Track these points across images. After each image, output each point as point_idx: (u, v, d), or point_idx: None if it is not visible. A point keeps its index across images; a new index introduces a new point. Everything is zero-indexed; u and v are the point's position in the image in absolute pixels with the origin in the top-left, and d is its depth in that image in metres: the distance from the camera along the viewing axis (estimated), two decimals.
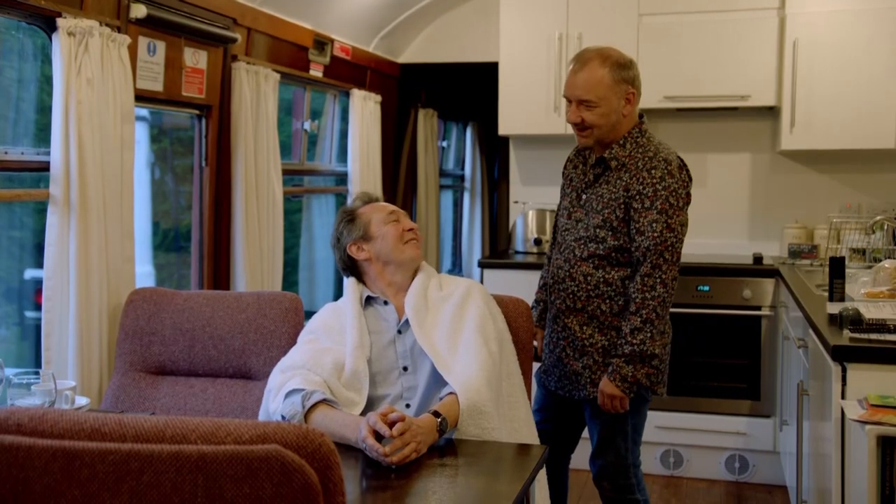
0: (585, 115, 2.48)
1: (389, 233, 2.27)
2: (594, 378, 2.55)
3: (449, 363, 2.11)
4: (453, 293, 2.26)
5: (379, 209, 2.33)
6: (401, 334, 2.20)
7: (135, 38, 2.87)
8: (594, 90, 2.46)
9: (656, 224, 2.44)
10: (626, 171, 2.49)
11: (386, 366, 2.17)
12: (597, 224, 2.50)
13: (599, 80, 2.46)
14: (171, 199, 3.85)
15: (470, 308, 2.22)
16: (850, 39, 4.07)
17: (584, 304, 2.54)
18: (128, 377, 2.62)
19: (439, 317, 2.20)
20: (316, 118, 4.53)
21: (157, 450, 1.14)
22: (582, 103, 2.48)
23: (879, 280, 2.94)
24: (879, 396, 2.14)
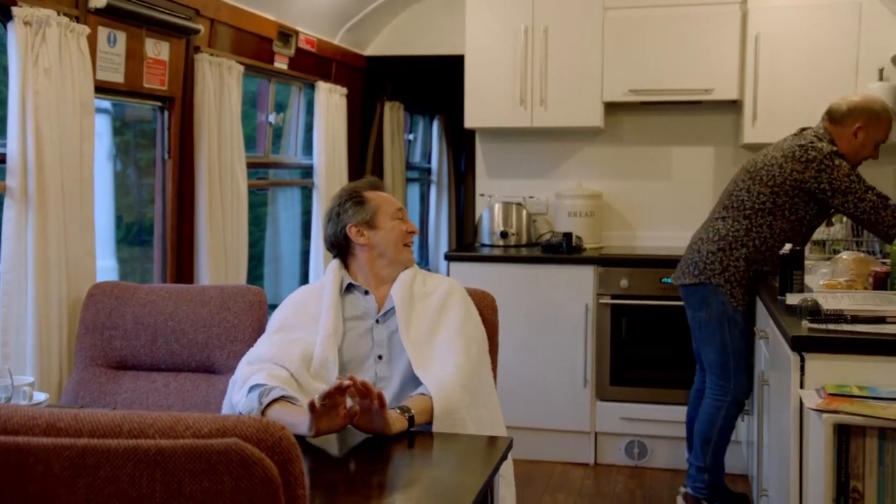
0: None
1: (395, 229, 2.29)
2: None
3: (426, 360, 2.11)
4: (436, 290, 2.27)
5: (389, 202, 2.33)
6: (378, 324, 2.20)
7: (94, 29, 2.83)
8: None
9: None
10: None
11: (360, 354, 2.17)
12: None
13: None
14: (134, 192, 3.80)
15: (451, 308, 2.22)
16: (810, 34, 4.13)
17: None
18: (88, 372, 2.59)
19: (422, 313, 2.20)
20: (281, 111, 4.50)
21: (114, 445, 1.13)
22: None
23: (838, 271, 2.99)
24: (837, 385, 2.18)
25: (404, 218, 2.33)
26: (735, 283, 3.33)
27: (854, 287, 2.87)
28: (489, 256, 4.41)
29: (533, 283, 4.26)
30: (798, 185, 3.24)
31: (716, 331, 3.38)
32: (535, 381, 4.27)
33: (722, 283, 3.33)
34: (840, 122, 3.30)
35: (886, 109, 3.30)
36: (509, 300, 4.06)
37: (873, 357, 2.24)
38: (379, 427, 1.89)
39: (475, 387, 2.12)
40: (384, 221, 2.28)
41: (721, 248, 3.35)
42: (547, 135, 4.77)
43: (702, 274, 3.38)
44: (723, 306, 3.35)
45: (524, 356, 4.26)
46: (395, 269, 2.29)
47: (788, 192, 3.26)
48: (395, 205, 2.33)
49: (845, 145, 3.28)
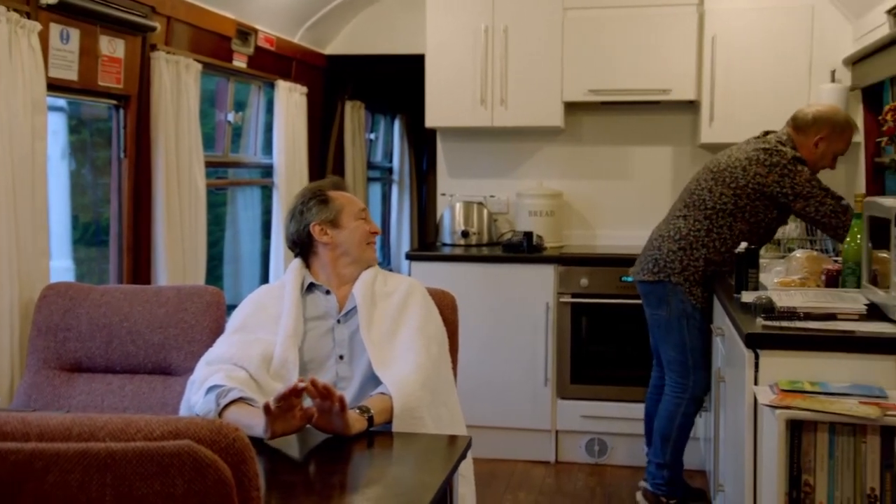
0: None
1: (359, 229, 2.30)
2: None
3: (386, 360, 2.10)
4: (397, 290, 2.27)
5: (353, 201, 2.34)
6: (340, 324, 2.19)
7: (46, 25, 2.78)
8: None
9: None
10: None
11: (321, 353, 2.17)
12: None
13: None
14: (90, 191, 3.74)
15: (412, 308, 2.23)
16: (765, 36, 4.20)
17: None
18: (41, 375, 2.54)
19: (383, 313, 2.21)
20: (240, 109, 4.46)
21: (62, 448, 1.11)
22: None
23: (792, 269, 3.05)
24: (789, 382, 2.22)
25: (367, 218, 2.34)
26: (694, 282, 3.37)
27: (807, 285, 2.92)
28: (450, 256, 4.41)
29: (494, 283, 4.28)
30: (760, 189, 3.28)
31: (674, 329, 3.42)
32: (496, 379, 4.28)
33: (681, 282, 3.37)
34: (804, 130, 3.34)
35: (849, 123, 3.36)
36: (470, 299, 4.07)
37: (825, 353, 2.29)
38: (339, 428, 1.88)
39: (435, 386, 2.12)
40: (348, 221, 2.29)
41: (682, 248, 3.39)
42: (508, 134, 4.79)
43: (661, 272, 3.41)
44: (682, 304, 3.39)
45: (485, 355, 4.27)
46: (357, 269, 2.29)
47: (750, 195, 3.30)
48: (359, 205, 2.34)
49: (806, 153, 3.33)
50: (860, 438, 2.01)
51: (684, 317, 3.39)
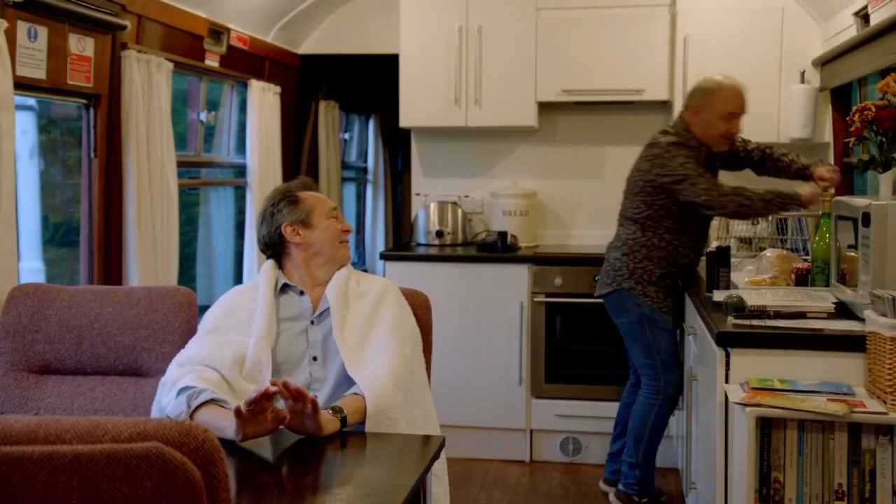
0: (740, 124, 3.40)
1: (331, 228, 2.28)
2: None
3: (359, 361, 2.10)
4: (370, 291, 2.26)
5: (323, 201, 2.33)
6: (313, 325, 2.18)
7: (13, 23, 2.74)
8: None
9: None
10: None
11: (295, 355, 2.15)
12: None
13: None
14: (61, 191, 3.69)
15: (385, 308, 2.22)
16: (736, 37, 4.24)
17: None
18: (9, 377, 2.51)
19: (356, 313, 2.20)
20: (213, 109, 4.43)
21: (27, 451, 1.09)
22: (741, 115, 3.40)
23: (762, 268, 3.08)
24: (760, 380, 2.24)
25: (339, 217, 2.33)
26: (646, 282, 3.41)
27: (777, 283, 2.95)
28: (425, 256, 4.41)
29: (468, 282, 4.28)
30: (651, 185, 3.38)
31: (638, 333, 3.45)
32: (470, 379, 4.29)
33: (633, 286, 3.42)
34: (687, 107, 3.46)
35: (720, 83, 3.37)
36: (445, 299, 4.07)
37: (794, 351, 2.31)
38: (311, 430, 1.88)
39: (408, 386, 2.12)
40: (319, 220, 2.28)
41: (625, 254, 3.45)
42: (482, 134, 4.79)
43: (613, 281, 3.47)
44: (639, 308, 3.42)
45: (460, 355, 4.27)
46: (331, 269, 2.28)
47: (651, 193, 3.39)
48: (329, 204, 2.33)
49: (696, 128, 3.41)
50: (828, 435, 2.04)
51: (645, 320, 3.42)
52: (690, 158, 3.32)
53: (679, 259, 3.42)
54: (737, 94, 3.36)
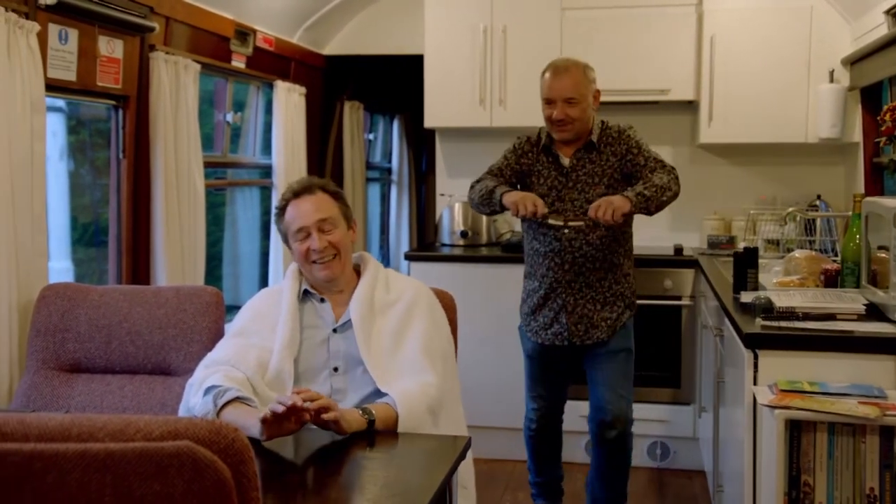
0: (570, 111, 3.00)
1: (297, 252, 2.21)
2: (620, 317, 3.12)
3: (388, 377, 2.07)
4: (400, 298, 2.20)
5: (297, 218, 2.20)
6: (336, 333, 2.15)
7: (44, 26, 2.77)
8: (576, 89, 3.00)
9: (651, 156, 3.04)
10: (610, 145, 3.07)
11: (315, 364, 2.12)
12: (602, 193, 2.99)
13: (580, 81, 3.02)
14: (89, 192, 3.74)
15: (415, 322, 2.16)
16: (763, 36, 4.20)
17: (601, 263, 3.08)
18: (40, 375, 2.54)
19: (382, 328, 2.14)
20: (239, 110, 4.46)
21: (62, 449, 1.10)
22: (567, 101, 2.99)
23: (790, 269, 3.05)
24: (788, 382, 2.22)
25: (306, 236, 2.19)
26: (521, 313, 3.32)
27: (806, 285, 2.92)
28: (449, 256, 4.41)
29: (493, 283, 4.28)
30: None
31: None
32: (495, 379, 4.28)
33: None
34: None
35: (545, 69, 3.10)
36: (470, 299, 4.07)
37: (824, 353, 2.29)
38: (335, 428, 1.88)
39: (439, 405, 2.08)
40: (292, 241, 2.22)
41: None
42: (506, 134, 4.77)
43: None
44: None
45: (484, 355, 4.27)
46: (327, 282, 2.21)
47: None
48: (296, 225, 2.20)
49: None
50: (859, 438, 2.01)
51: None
52: (503, 157, 3.19)
53: (532, 279, 3.25)
54: (549, 78, 3.03)
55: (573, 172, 3.07)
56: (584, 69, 3.06)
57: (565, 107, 2.99)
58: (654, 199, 2.86)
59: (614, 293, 3.12)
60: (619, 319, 3.13)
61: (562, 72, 3.03)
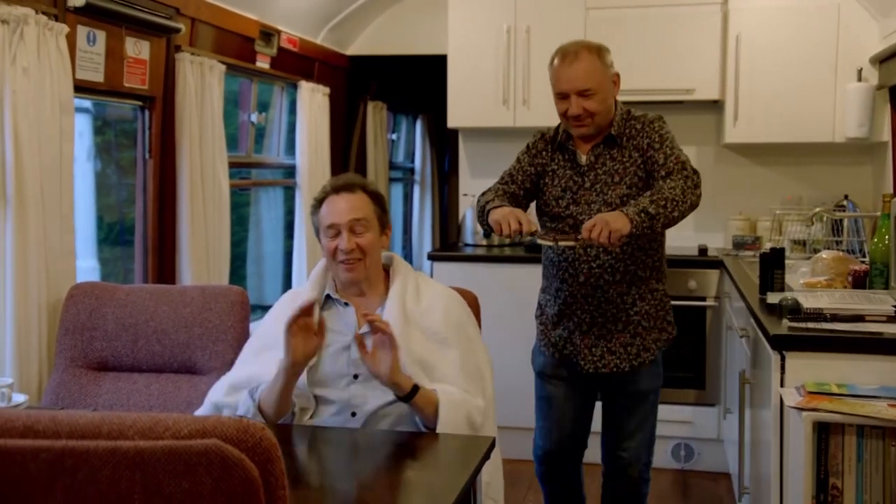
0: (587, 104, 2.53)
1: (325, 248, 2.19)
2: (645, 344, 2.64)
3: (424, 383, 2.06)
4: (432, 308, 2.19)
5: (329, 214, 2.17)
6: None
7: (73, 28, 2.81)
8: (592, 78, 2.52)
9: (672, 154, 2.52)
10: (633, 139, 2.59)
11: (336, 371, 2.10)
12: (622, 194, 2.56)
13: (595, 68, 2.53)
14: (115, 192, 3.77)
15: (451, 342, 2.16)
16: (790, 35, 4.16)
17: (623, 275, 2.61)
18: (68, 373, 2.57)
19: (417, 336, 2.14)
20: (263, 110, 4.48)
21: (92, 446, 1.12)
22: (582, 94, 2.52)
23: (818, 270, 3.02)
24: (816, 384, 2.20)
25: (336, 234, 2.16)
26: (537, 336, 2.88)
27: (833, 286, 2.89)
28: (472, 256, 4.41)
29: (516, 283, 4.26)
30: None
31: None
32: (518, 379, 4.26)
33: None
34: None
35: (553, 59, 2.62)
36: (493, 299, 4.05)
37: (852, 355, 2.26)
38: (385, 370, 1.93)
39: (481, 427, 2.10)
40: (323, 238, 2.20)
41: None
42: (530, 134, 4.76)
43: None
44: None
45: (508, 356, 4.25)
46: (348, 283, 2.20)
47: None
48: (328, 220, 2.17)
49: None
50: (889, 441, 1.99)
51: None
52: (516, 160, 2.78)
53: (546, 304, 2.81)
54: (558, 67, 2.57)
55: (590, 171, 2.61)
56: (599, 52, 2.56)
57: (581, 100, 2.52)
58: (660, 216, 2.36)
59: (639, 313, 2.63)
60: (646, 348, 2.65)
61: (572, 59, 2.54)
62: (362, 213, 2.18)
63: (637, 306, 2.64)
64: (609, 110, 2.60)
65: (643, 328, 2.65)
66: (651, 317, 2.65)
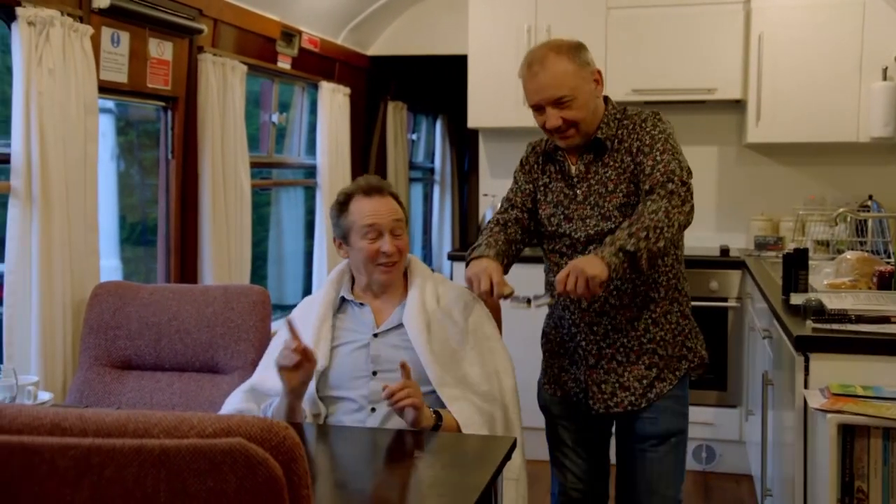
0: (566, 114, 2.20)
1: (364, 250, 2.14)
2: (662, 375, 2.29)
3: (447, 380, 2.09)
4: (452, 309, 2.20)
5: (364, 215, 2.14)
6: (376, 338, 2.14)
7: (98, 29, 2.83)
8: (564, 84, 2.19)
9: (660, 162, 2.17)
10: (624, 141, 2.26)
11: (354, 369, 2.11)
12: (619, 203, 2.24)
13: (565, 72, 2.19)
14: (137, 192, 3.80)
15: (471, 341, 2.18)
16: (814, 33, 4.12)
17: (632, 298, 2.27)
18: (92, 372, 2.59)
19: (439, 336, 2.15)
20: (284, 110, 4.50)
21: (119, 444, 1.12)
22: (557, 103, 2.20)
23: (842, 271, 2.99)
24: (841, 385, 2.18)
25: (379, 236, 2.14)
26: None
27: (858, 287, 2.86)
28: None
29: (537, 282, 4.24)
30: None
31: None
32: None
33: None
34: None
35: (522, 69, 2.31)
36: None
37: (878, 357, 2.24)
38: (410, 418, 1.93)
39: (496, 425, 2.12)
40: (355, 240, 2.16)
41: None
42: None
43: None
44: None
45: (529, 356, 4.24)
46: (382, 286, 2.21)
47: None
48: (368, 220, 2.14)
49: None
50: None
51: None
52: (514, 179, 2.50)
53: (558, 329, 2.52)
54: (526, 78, 2.28)
55: (582, 182, 2.30)
56: (570, 51, 2.22)
57: (558, 111, 2.20)
58: (642, 252, 2.03)
59: (653, 339, 2.29)
60: (664, 379, 2.29)
61: (538, 67, 2.21)
62: (399, 214, 2.19)
63: (651, 332, 2.29)
64: (594, 114, 2.26)
65: (660, 357, 2.29)
66: (669, 343, 2.30)
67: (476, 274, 2.18)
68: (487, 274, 2.17)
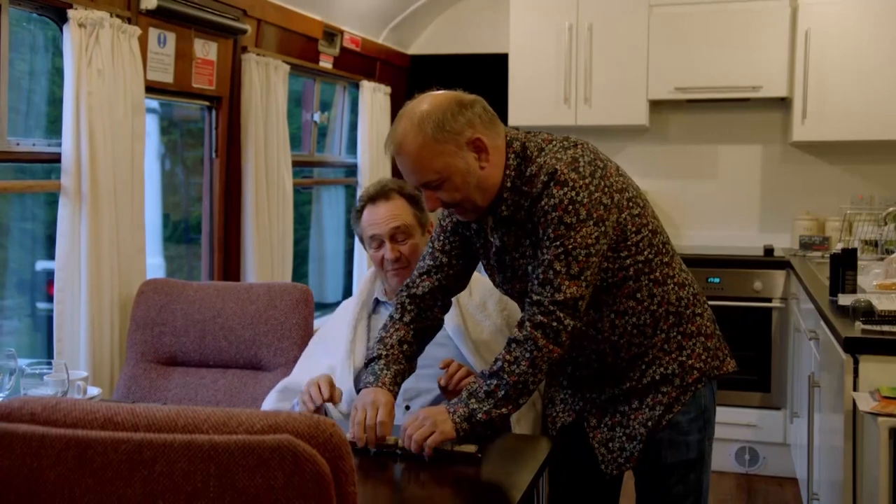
0: (442, 196, 1.81)
1: (373, 258, 2.21)
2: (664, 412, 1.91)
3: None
4: (486, 302, 2.22)
5: (365, 225, 2.19)
6: None
7: (145, 30, 2.87)
8: (428, 165, 1.79)
9: (548, 266, 1.77)
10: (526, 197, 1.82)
11: None
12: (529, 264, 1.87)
13: (421, 151, 1.79)
14: (181, 190, 3.85)
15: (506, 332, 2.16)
16: (862, 29, 4.04)
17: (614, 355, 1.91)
18: (139, 368, 2.63)
19: (476, 328, 2.17)
20: (326, 110, 4.53)
21: (169, 439, 1.14)
22: (427, 187, 1.82)
23: (891, 272, 2.93)
24: (892, 388, 2.13)
25: (380, 245, 2.16)
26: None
27: None
28: None
29: None
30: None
31: None
32: None
33: None
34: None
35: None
36: None
37: None
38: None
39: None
40: (367, 247, 2.23)
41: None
42: (591, 133, 4.73)
43: None
44: None
45: None
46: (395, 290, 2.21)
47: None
48: (368, 231, 2.18)
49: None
50: None
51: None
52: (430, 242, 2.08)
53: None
54: (397, 162, 1.87)
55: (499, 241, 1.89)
56: (428, 124, 1.81)
57: (433, 193, 1.81)
58: (495, 420, 1.78)
59: (654, 378, 1.91)
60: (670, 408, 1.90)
61: (396, 150, 1.83)
62: (400, 220, 2.16)
63: (651, 371, 1.90)
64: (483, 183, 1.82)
65: (664, 393, 1.91)
66: (676, 374, 1.91)
67: (352, 416, 1.85)
68: (374, 408, 1.83)
